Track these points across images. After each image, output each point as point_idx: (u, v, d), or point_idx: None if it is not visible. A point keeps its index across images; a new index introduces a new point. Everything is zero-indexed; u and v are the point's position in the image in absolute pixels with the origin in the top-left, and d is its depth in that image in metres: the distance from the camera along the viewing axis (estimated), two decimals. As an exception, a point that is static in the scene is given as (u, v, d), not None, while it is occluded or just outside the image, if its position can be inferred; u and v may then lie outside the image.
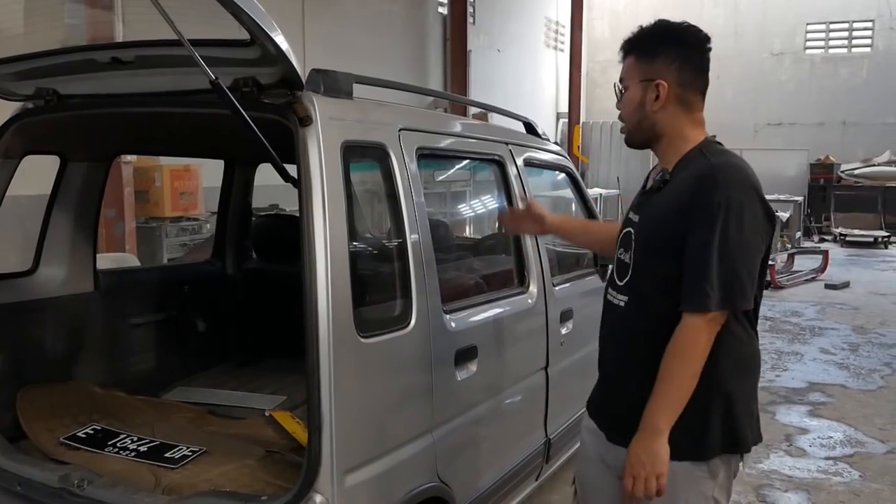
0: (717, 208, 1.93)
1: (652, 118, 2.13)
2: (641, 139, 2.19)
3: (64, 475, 2.37)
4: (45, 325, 3.05)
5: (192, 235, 8.03)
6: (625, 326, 2.17)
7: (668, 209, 2.04)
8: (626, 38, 2.21)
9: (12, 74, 2.59)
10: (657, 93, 2.10)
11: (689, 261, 1.96)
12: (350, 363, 2.14)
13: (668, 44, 2.14)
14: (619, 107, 2.21)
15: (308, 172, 2.12)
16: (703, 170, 2.01)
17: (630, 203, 2.33)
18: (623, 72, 2.19)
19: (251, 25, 1.93)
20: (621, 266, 2.20)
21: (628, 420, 2.05)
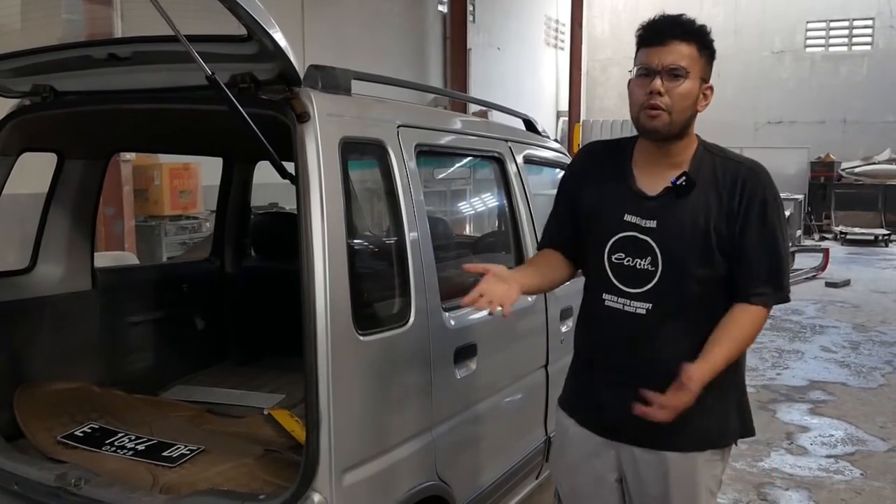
0: (773, 207, 2.04)
1: (693, 117, 2.08)
2: (676, 134, 2.06)
3: (61, 474, 2.36)
4: (43, 323, 3.03)
5: (191, 234, 8.03)
6: (654, 332, 2.09)
7: (710, 213, 2.03)
8: (678, 19, 2.06)
9: (9, 71, 2.57)
10: (705, 96, 2.09)
11: (763, 259, 2.03)
12: (348, 361, 2.12)
13: (712, 48, 2.09)
14: (665, 91, 2.00)
15: (306, 169, 2.10)
16: (740, 172, 2.06)
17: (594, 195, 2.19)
18: (681, 57, 2.00)
19: (248, 21, 1.91)
20: (631, 272, 2.10)
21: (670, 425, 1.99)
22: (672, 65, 2.00)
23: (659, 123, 2.02)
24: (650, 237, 2.07)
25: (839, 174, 19.90)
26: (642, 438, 2.14)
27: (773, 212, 2.04)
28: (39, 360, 3.00)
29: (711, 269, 2.04)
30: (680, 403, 1.95)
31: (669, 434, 2.06)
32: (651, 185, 2.11)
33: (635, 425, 2.07)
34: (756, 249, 2.03)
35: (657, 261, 2.06)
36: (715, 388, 2.03)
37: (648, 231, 2.08)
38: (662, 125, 2.03)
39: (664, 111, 2.01)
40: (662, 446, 2.12)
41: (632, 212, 2.11)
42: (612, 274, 2.13)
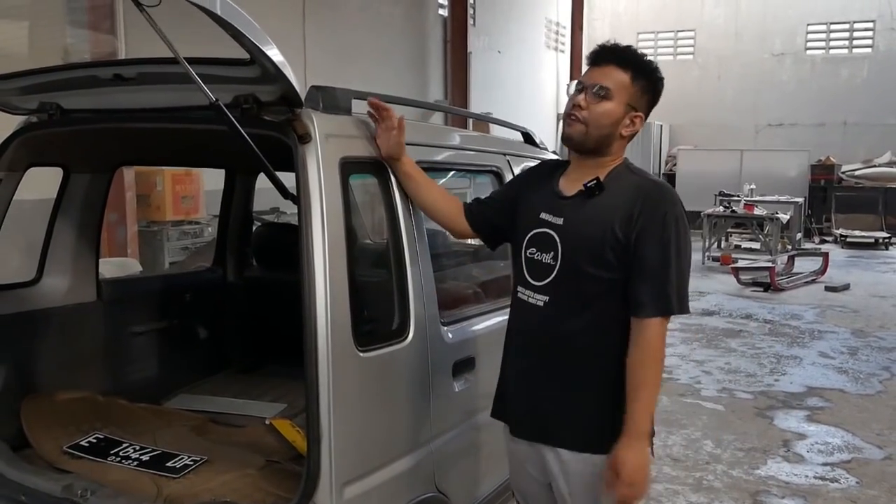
0: (671, 223, 2.13)
1: (614, 138, 2.23)
2: (591, 148, 2.24)
3: (67, 485, 2.41)
4: (49, 334, 3.08)
5: (193, 239, 8.08)
6: (548, 326, 2.24)
7: (611, 218, 2.16)
8: (617, 46, 2.25)
9: (17, 89, 2.63)
10: (632, 122, 2.24)
11: (649, 269, 2.12)
12: (349, 377, 2.17)
13: (654, 86, 2.25)
14: (587, 107, 2.20)
15: (307, 189, 2.15)
16: (646, 185, 2.21)
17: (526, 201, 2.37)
18: (609, 79, 2.19)
19: (251, 47, 1.96)
20: (538, 266, 2.27)
21: (559, 418, 2.24)
22: (598, 83, 2.19)
23: (573, 131, 2.23)
24: (556, 232, 2.24)
25: (839, 177, 19.91)
26: (543, 435, 2.29)
27: (671, 226, 2.13)
28: (45, 370, 3.05)
29: (604, 270, 2.16)
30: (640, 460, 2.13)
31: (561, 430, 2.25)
32: (569, 188, 2.29)
33: (535, 420, 2.29)
34: (647, 260, 2.12)
35: (557, 255, 2.22)
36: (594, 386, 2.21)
37: (555, 227, 2.24)
38: (576, 133, 2.22)
39: (580, 122, 2.21)
40: (556, 443, 2.27)
41: (546, 210, 2.29)
42: (525, 268, 2.32)
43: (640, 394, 2.13)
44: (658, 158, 21.16)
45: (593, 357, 2.21)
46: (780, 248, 13.97)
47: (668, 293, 2.12)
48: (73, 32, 2.52)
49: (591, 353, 2.21)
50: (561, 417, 2.25)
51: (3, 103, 2.71)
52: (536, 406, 2.30)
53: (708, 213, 14.40)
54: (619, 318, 2.18)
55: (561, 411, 2.25)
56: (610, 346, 2.18)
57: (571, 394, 2.24)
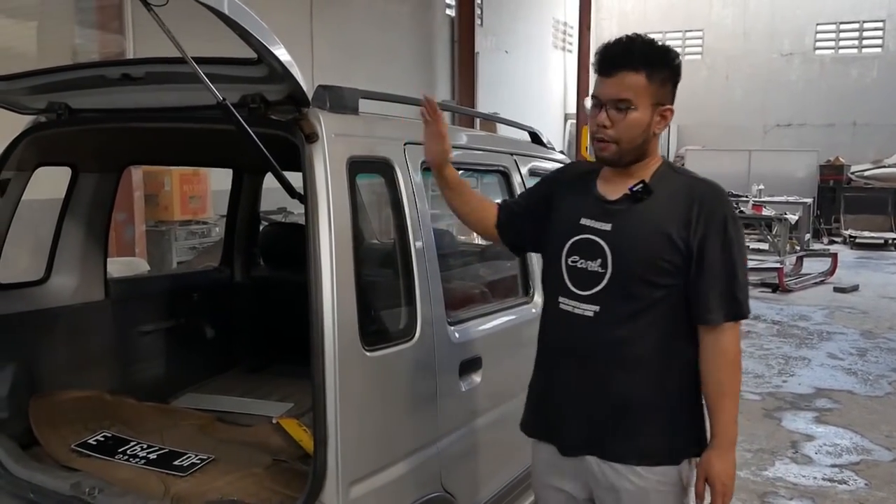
0: (731, 224, 2.06)
1: (650, 141, 2.12)
2: (631, 160, 2.12)
3: (75, 483, 2.42)
4: (57, 333, 3.10)
5: (201, 239, 8.11)
6: (600, 336, 2.11)
7: (666, 223, 2.05)
8: (621, 49, 2.07)
9: (25, 89, 2.64)
10: (662, 117, 2.11)
11: (717, 274, 2.04)
12: (355, 377, 2.17)
13: (671, 69, 2.10)
14: (611, 124, 2.07)
15: (314, 188, 2.15)
16: (699, 187, 2.11)
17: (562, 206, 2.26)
18: (626, 89, 2.04)
19: (258, 46, 1.96)
20: (583, 274, 2.14)
21: (616, 432, 2.12)
22: (616, 97, 2.05)
23: (608, 154, 2.11)
24: (603, 239, 2.11)
25: (848, 177, 19.83)
26: (598, 449, 2.16)
27: (731, 228, 2.06)
28: (54, 369, 3.06)
29: (660, 276, 2.06)
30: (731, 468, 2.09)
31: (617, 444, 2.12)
32: (611, 192, 2.17)
33: (588, 435, 2.16)
34: (714, 265, 2.04)
35: (606, 263, 2.10)
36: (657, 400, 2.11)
37: (602, 234, 2.12)
38: (611, 155, 2.11)
39: (612, 143, 2.08)
40: (612, 457, 2.13)
41: (588, 215, 2.16)
42: (567, 277, 2.18)
43: (723, 403, 2.07)
44: (666, 159, 21.08)
45: (651, 366, 2.10)
46: (789, 249, 13.90)
47: (738, 297, 2.05)
48: (82, 32, 2.53)
49: (648, 362, 2.09)
50: (618, 431, 2.11)
51: (12, 103, 2.72)
52: (589, 420, 2.15)
53: (716, 213, 14.30)
54: (677, 324, 2.09)
55: (618, 424, 2.11)
56: (668, 353, 2.10)
57: (628, 405, 2.11)
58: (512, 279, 3.39)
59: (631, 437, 2.11)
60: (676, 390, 2.12)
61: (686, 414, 2.15)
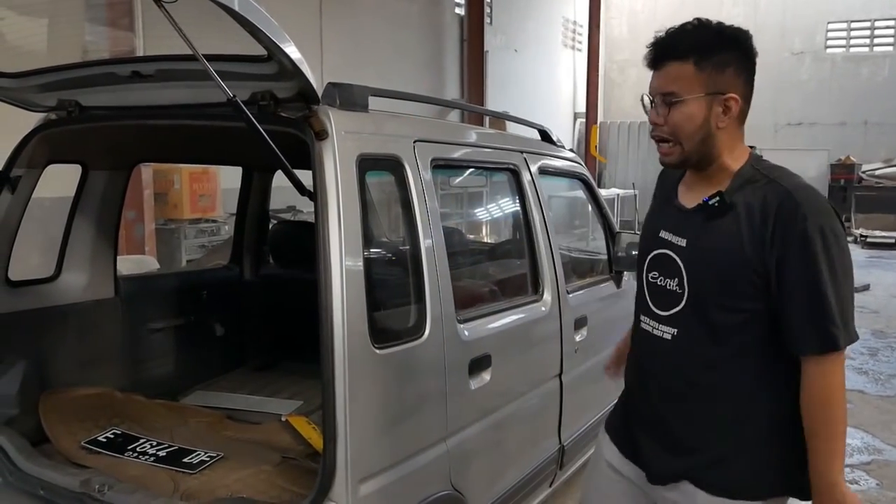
0: (816, 236, 1.78)
1: (715, 136, 1.89)
2: (698, 160, 1.92)
3: (85, 480, 2.42)
4: (67, 330, 3.11)
5: (210, 237, 8.12)
6: (678, 362, 1.96)
7: (740, 240, 1.84)
8: (668, 38, 1.91)
9: (36, 86, 2.65)
10: (725, 108, 1.89)
11: (799, 299, 1.79)
12: (365, 374, 2.17)
13: (733, 50, 1.90)
14: (663, 121, 1.90)
15: (324, 186, 2.15)
16: (780, 196, 1.83)
17: (649, 214, 2.14)
18: (672, 81, 1.87)
19: (268, 43, 1.96)
20: (662, 293, 1.99)
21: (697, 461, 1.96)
22: (662, 91, 1.90)
23: (671, 159, 1.95)
24: (679, 256, 1.95)
25: (860, 176, 19.70)
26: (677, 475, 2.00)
27: (817, 241, 1.77)
28: (64, 366, 3.07)
29: (739, 300, 1.86)
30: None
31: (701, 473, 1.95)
32: (688, 199, 2.00)
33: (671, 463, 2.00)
34: (795, 288, 1.80)
35: (683, 283, 1.93)
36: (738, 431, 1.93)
37: (678, 249, 1.96)
38: (676, 159, 1.94)
39: (671, 142, 1.92)
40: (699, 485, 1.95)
41: (667, 228, 2.01)
42: (648, 294, 2.05)
43: (814, 443, 1.83)
44: (676, 158, 21.03)
45: (736, 398, 1.91)
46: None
47: (828, 324, 1.78)
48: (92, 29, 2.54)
49: (732, 394, 1.91)
50: (699, 460, 1.95)
51: (23, 100, 2.73)
52: (673, 448, 2.00)
53: (726, 212, 14.27)
54: (766, 352, 1.88)
55: (699, 454, 1.95)
56: (758, 384, 1.90)
57: (710, 436, 1.94)
58: (521, 277, 3.38)
59: (714, 469, 1.94)
60: (766, 423, 1.91)
61: (778, 447, 1.92)
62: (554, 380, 3.40)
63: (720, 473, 1.94)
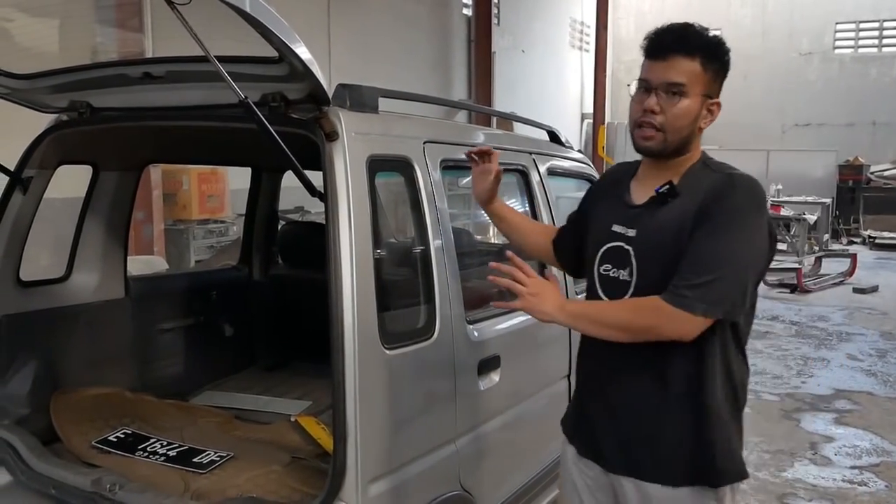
0: (733, 212, 1.86)
1: (694, 135, 1.98)
2: (672, 153, 1.99)
3: (96, 479, 2.43)
4: (78, 330, 3.12)
5: (218, 238, 8.15)
6: (625, 349, 1.98)
7: (684, 224, 1.90)
8: (679, 32, 1.97)
9: (47, 88, 2.66)
10: (710, 111, 1.98)
11: (689, 259, 1.86)
12: (375, 375, 2.18)
13: (725, 62, 1.98)
14: (660, 110, 1.94)
15: (334, 187, 2.16)
16: (720, 179, 1.93)
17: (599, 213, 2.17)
18: (680, 73, 1.92)
19: (280, 45, 1.97)
20: (613, 284, 2.04)
21: (643, 450, 2.00)
22: (669, 81, 1.93)
23: (652, 144, 1.98)
24: (630, 246, 2.01)
25: (868, 177, 19.64)
26: (621, 466, 2.05)
27: (732, 216, 1.85)
28: (74, 366, 3.09)
29: None
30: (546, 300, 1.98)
31: (646, 462, 1.99)
32: (641, 195, 2.06)
33: (615, 451, 2.05)
34: (692, 247, 1.86)
35: (633, 271, 2.00)
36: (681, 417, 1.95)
37: (629, 240, 2.02)
38: (656, 145, 1.98)
39: (658, 131, 1.95)
40: (643, 476, 2.00)
41: (618, 221, 2.06)
42: (599, 286, 2.10)
43: (606, 306, 1.98)
44: (683, 158, 21.00)
45: (677, 383, 1.94)
46: (807, 250, 13.81)
47: (701, 287, 1.82)
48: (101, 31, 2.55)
49: (674, 379, 1.94)
50: (645, 448, 2.00)
51: (35, 102, 2.75)
52: (619, 436, 2.05)
53: (733, 213, 14.24)
54: (708, 339, 1.90)
55: (644, 442, 2.00)
56: (697, 369, 1.93)
57: (652, 423, 1.98)
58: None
59: (660, 456, 1.98)
60: (704, 409, 1.94)
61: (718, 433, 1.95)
62: (563, 380, 3.40)
63: (663, 461, 1.97)
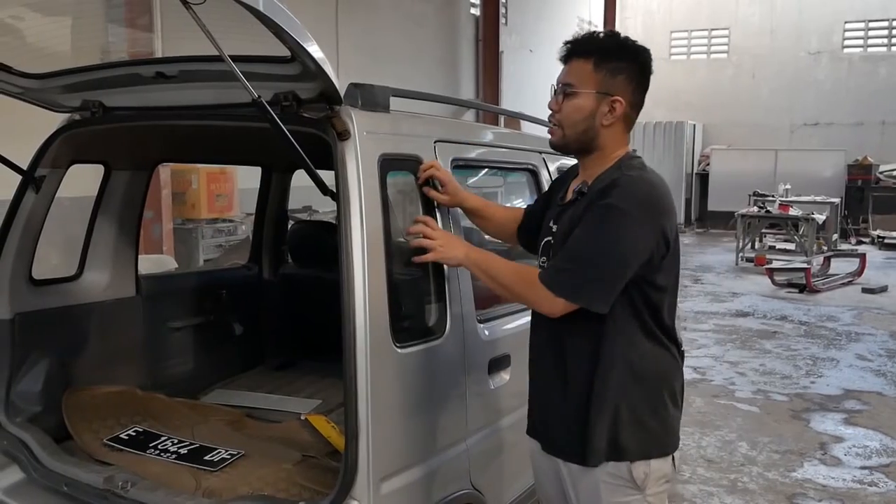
0: (605, 210, 2.01)
1: (597, 131, 2.13)
2: (577, 148, 2.18)
3: (108, 476, 2.45)
4: (90, 328, 3.13)
5: (227, 237, 8.16)
6: (550, 335, 2.20)
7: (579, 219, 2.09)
8: (579, 38, 2.17)
9: (60, 87, 2.67)
10: (611, 108, 2.12)
11: (567, 245, 2.06)
12: (386, 373, 2.18)
13: (630, 61, 2.13)
14: (558, 108, 2.16)
15: (346, 186, 2.16)
16: (612, 180, 2.08)
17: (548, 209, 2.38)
18: (571, 75, 2.14)
19: (292, 44, 1.97)
20: None
21: (561, 431, 2.18)
22: (563, 81, 2.16)
23: (554, 139, 2.21)
24: (553, 239, 2.20)
25: (877, 177, 19.54)
26: (551, 447, 2.25)
27: (604, 212, 2.01)
28: (86, 364, 3.10)
29: None
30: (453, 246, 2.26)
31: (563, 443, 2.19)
32: (569, 193, 2.26)
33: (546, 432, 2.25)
34: (572, 237, 2.06)
35: None
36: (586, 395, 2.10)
37: (553, 234, 2.21)
38: (557, 140, 2.20)
39: (557, 127, 2.17)
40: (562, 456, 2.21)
41: (551, 217, 2.27)
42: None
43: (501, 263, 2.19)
44: (691, 158, 20.97)
45: (587, 366, 2.10)
46: (816, 249, 13.76)
47: (563, 272, 2.04)
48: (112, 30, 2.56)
49: (585, 363, 2.10)
50: (562, 430, 2.18)
51: (47, 101, 2.76)
52: (546, 418, 2.26)
53: (742, 213, 14.24)
54: (614, 326, 2.07)
55: (562, 423, 2.18)
56: (604, 355, 2.08)
57: (567, 404, 2.15)
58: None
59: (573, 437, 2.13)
60: (618, 388, 2.08)
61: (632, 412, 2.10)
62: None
63: (576, 442, 2.12)
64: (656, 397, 2.15)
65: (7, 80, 2.62)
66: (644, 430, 2.12)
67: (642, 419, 2.11)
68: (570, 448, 2.15)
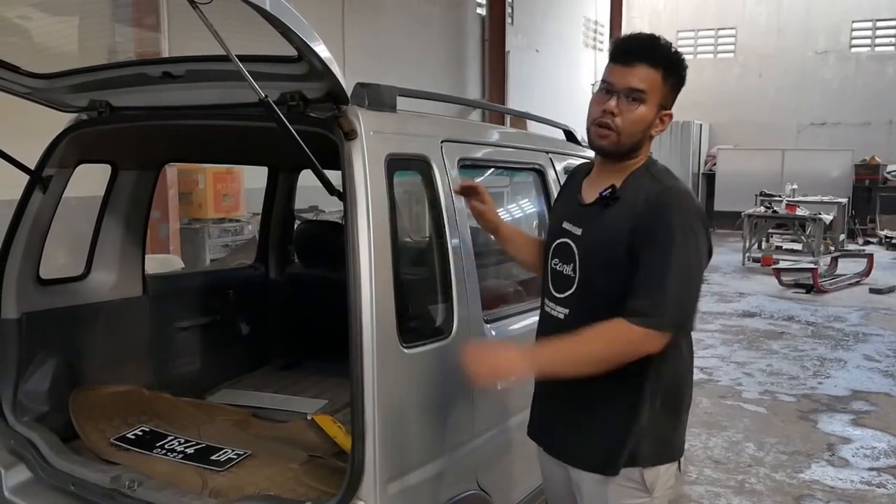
0: (677, 230, 1.97)
1: (644, 141, 2.10)
2: (620, 156, 2.11)
3: (115, 476, 2.45)
4: (97, 328, 3.14)
5: (234, 237, 8.18)
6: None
7: (622, 228, 2.02)
8: (644, 42, 2.07)
9: (67, 87, 2.68)
10: (661, 121, 2.10)
11: (645, 278, 1.96)
12: (393, 373, 2.18)
13: (681, 77, 2.10)
14: (619, 112, 2.04)
15: (353, 185, 2.16)
16: (659, 192, 2.03)
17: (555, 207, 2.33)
18: (643, 81, 2.03)
19: (299, 44, 1.97)
20: (560, 277, 2.18)
21: (574, 437, 2.15)
22: (632, 87, 2.04)
23: (606, 143, 2.09)
24: (575, 243, 2.14)
25: (884, 177, 19.45)
26: (562, 453, 2.23)
27: (677, 234, 1.96)
28: (93, 363, 3.11)
29: (618, 284, 2.00)
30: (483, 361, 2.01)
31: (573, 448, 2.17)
32: (590, 194, 2.18)
33: (558, 438, 2.23)
34: (644, 268, 1.97)
35: (576, 267, 2.13)
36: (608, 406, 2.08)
37: (575, 238, 2.15)
38: (609, 144, 2.09)
39: (613, 132, 2.06)
40: (573, 462, 2.19)
41: (568, 219, 2.20)
42: (549, 279, 2.23)
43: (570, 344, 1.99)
44: (697, 158, 20.93)
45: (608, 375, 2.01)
46: (823, 250, 13.71)
47: (662, 304, 1.94)
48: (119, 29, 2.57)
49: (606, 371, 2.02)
50: (576, 436, 2.16)
51: (55, 101, 2.77)
52: (558, 424, 2.23)
53: (749, 213, 14.20)
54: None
55: (576, 430, 2.16)
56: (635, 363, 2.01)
57: (585, 412, 2.12)
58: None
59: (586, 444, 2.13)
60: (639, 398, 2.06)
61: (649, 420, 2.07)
62: (579, 380, 3.39)
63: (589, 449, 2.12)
64: (672, 404, 2.14)
65: (15, 80, 2.63)
66: (660, 436, 2.11)
67: (659, 426, 2.10)
68: (590, 458, 2.13)
